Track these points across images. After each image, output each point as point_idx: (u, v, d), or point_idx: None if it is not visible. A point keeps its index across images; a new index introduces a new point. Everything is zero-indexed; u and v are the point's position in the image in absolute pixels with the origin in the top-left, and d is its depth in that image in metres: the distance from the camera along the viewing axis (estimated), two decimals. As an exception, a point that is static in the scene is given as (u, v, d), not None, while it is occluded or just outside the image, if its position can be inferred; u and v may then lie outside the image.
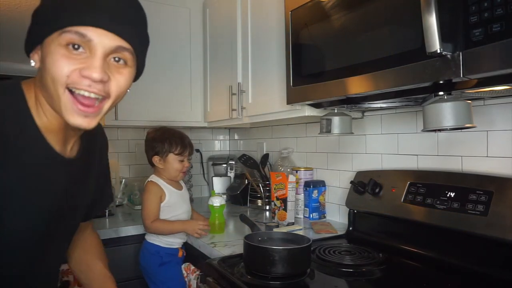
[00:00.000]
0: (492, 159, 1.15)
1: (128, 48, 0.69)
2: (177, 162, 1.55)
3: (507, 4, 0.71)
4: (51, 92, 0.66)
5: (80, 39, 0.64)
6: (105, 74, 0.66)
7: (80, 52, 0.65)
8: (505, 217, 0.99)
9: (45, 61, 0.66)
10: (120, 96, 0.72)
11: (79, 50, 0.65)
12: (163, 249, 1.53)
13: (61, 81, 0.64)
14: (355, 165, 1.65)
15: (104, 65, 0.66)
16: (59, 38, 0.64)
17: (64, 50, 0.64)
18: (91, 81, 0.65)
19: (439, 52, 0.78)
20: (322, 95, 1.18)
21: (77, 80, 0.64)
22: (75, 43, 0.64)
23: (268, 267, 1.02)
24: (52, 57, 0.64)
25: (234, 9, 1.87)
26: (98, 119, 0.70)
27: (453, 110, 0.93)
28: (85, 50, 0.65)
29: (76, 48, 0.64)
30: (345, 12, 1.09)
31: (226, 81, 1.94)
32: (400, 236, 1.30)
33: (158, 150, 1.55)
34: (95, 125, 0.70)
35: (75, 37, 0.64)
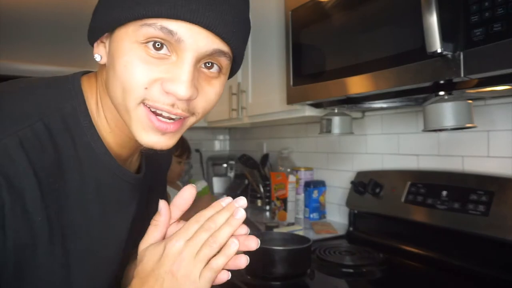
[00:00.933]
0: (493, 159, 1.15)
1: (227, 52, 0.50)
2: (176, 163, 1.56)
3: (508, 4, 0.71)
4: (119, 102, 0.50)
5: (166, 37, 0.46)
6: (195, 90, 0.48)
7: (163, 54, 0.47)
8: (506, 217, 0.99)
9: (114, 61, 0.49)
10: (207, 112, 0.54)
11: (162, 52, 0.47)
12: None
13: (136, 93, 0.47)
14: (355, 165, 1.65)
15: (194, 76, 0.48)
16: (136, 32, 0.46)
17: (142, 51, 0.47)
18: (176, 98, 0.48)
19: (440, 51, 0.78)
20: (322, 95, 1.18)
21: (157, 98, 0.47)
22: (158, 41, 0.47)
23: (268, 267, 1.02)
24: (125, 58, 0.47)
25: (234, 9, 1.87)
26: (177, 138, 0.53)
27: (454, 110, 0.93)
28: (171, 53, 0.47)
29: (158, 48, 0.47)
30: (345, 12, 1.09)
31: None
32: (400, 236, 1.29)
33: None
34: (173, 145, 0.53)
35: (160, 33, 0.46)
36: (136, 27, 0.46)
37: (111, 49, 0.50)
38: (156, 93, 0.47)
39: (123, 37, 0.48)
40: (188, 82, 0.47)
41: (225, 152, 2.75)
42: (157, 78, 0.47)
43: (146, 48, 0.47)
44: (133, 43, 0.47)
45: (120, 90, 0.48)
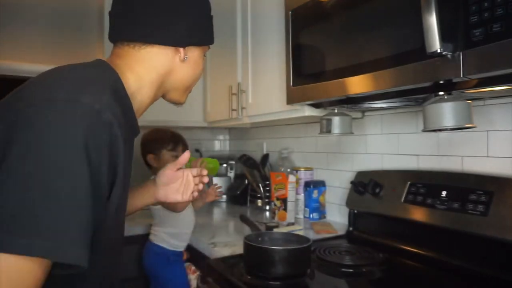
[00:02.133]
0: (493, 159, 1.15)
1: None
2: (172, 158, 1.55)
3: (507, 4, 0.71)
4: (184, 84, 0.86)
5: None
6: None
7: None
8: (505, 217, 0.99)
9: (195, 63, 0.84)
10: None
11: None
12: (168, 251, 1.54)
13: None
14: (355, 165, 1.65)
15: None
16: (205, 51, 0.88)
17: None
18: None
19: (439, 52, 0.78)
20: (322, 95, 1.18)
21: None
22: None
23: (268, 267, 1.02)
24: (200, 64, 0.87)
25: (234, 8, 1.87)
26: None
27: (454, 110, 0.93)
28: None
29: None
30: (345, 12, 1.09)
31: (226, 81, 1.94)
32: (400, 236, 1.29)
33: (151, 148, 1.57)
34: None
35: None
36: (206, 49, 0.89)
37: (194, 56, 0.84)
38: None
39: (199, 51, 0.86)
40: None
41: (225, 152, 2.75)
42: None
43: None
44: (203, 57, 0.89)
45: (191, 79, 0.87)
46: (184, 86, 0.87)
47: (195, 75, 0.87)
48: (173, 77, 0.82)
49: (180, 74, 0.82)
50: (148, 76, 0.77)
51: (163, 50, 0.77)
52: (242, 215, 1.55)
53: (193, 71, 0.85)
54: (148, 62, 0.76)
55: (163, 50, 0.77)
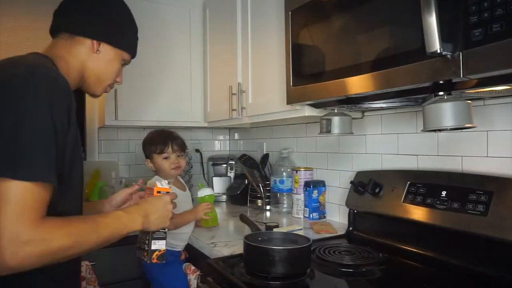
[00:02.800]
0: (492, 159, 1.15)
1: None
2: (163, 161, 1.54)
3: (507, 4, 0.71)
4: (95, 77, 1.00)
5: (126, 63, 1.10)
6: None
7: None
8: (505, 217, 0.99)
9: (104, 59, 1.00)
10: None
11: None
12: (166, 251, 1.52)
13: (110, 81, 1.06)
14: (355, 165, 1.65)
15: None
16: (122, 56, 1.04)
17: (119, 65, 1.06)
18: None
19: (439, 52, 0.78)
20: (322, 95, 1.18)
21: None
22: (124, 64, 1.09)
23: (268, 267, 1.02)
24: (114, 65, 1.03)
25: (234, 9, 1.87)
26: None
27: (453, 110, 0.93)
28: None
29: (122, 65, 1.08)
30: (345, 12, 1.09)
31: (226, 81, 1.94)
32: (400, 236, 1.29)
33: (146, 154, 1.59)
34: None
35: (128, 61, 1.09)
36: (123, 55, 1.05)
37: (108, 54, 1.00)
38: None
39: (117, 55, 1.03)
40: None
41: (225, 152, 2.75)
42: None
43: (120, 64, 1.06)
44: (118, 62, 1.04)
45: (104, 75, 1.02)
46: (97, 78, 1.01)
47: (108, 72, 1.02)
48: (88, 67, 0.98)
49: (94, 65, 0.99)
50: (72, 62, 0.95)
51: (83, 41, 0.96)
52: (242, 215, 1.55)
53: (106, 67, 1.01)
54: (72, 50, 0.96)
55: (83, 41, 0.96)
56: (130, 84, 2.04)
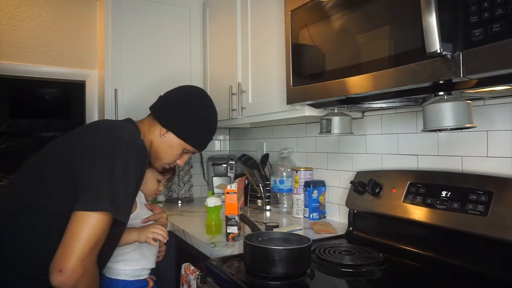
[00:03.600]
0: (492, 159, 1.15)
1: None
2: (154, 181, 1.42)
3: (507, 4, 0.71)
4: (155, 154, 1.29)
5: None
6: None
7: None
8: (505, 217, 0.99)
9: (167, 143, 1.27)
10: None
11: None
12: (131, 284, 1.31)
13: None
14: (355, 165, 1.66)
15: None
16: (185, 146, 1.29)
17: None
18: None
19: (439, 52, 0.78)
20: (322, 95, 1.18)
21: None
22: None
23: (268, 267, 1.02)
24: (174, 151, 1.29)
25: (234, 9, 1.87)
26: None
27: (453, 110, 0.93)
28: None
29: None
30: (345, 12, 1.09)
31: (226, 81, 1.94)
32: (400, 236, 1.29)
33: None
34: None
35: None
36: (186, 146, 1.30)
37: (171, 140, 1.27)
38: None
39: (180, 144, 1.28)
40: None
41: (225, 152, 2.75)
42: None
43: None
44: (180, 149, 1.30)
45: (163, 155, 1.29)
46: (157, 156, 1.27)
47: (167, 155, 1.27)
48: (153, 146, 1.26)
49: (156, 145, 1.26)
50: (148, 136, 1.26)
51: (157, 126, 1.26)
52: (242, 215, 1.55)
53: (166, 150, 1.26)
54: (151, 128, 1.27)
55: (157, 126, 1.26)
56: (130, 83, 2.04)
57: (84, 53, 2.25)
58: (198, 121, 1.28)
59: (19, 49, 2.08)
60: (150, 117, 1.29)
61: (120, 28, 1.99)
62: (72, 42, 2.22)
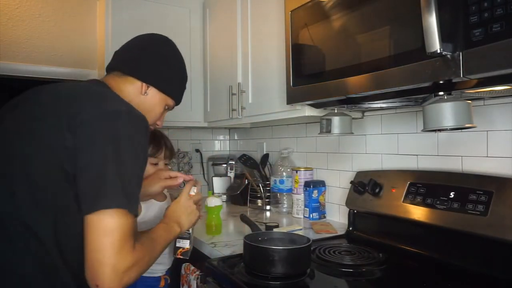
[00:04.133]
0: (492, 159, 1.15)
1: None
2: (149, 166, 1.32)
3: (507, 4, 0.71)
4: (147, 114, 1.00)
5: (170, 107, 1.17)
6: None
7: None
8: (505, 217, 0.99)
9: (150, 100, 1.08)
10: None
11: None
12: (142, 279, 1.21)
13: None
14: (355, 165, 1.65)
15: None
16: (166, 101, 1.12)
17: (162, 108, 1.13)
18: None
19: (439, 52, 0.78)
20: (322, 95, 1.18)
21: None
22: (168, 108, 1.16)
23: (268, 267, 1.02)
24: (157, 107, 1.10)
25: (234, 9, 1.87)
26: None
27: (453, 110, 0.93)
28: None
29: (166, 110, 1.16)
30: (345, 12, 1.09)
31: (226, 81, 1.94)
32: (400, 236, 1.29)
33: None
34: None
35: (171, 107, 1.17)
36: (167, 100, 1.12)
37: (153, 97, 1.08)
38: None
39: (161, 99, 1.10)
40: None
41: (225, 152, 2.75)
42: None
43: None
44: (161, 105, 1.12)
45: (147, 113, 1.02)
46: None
47: (151, 114, 1.08)
48: (134, 105, 1.00)
49: (138, 106, 1.01)
50: (124, 97, 0.99)
51: (133, 82, 1.05)
52: (242, 215, 1.55)
53: (149, 110, 1.07)
54: (122, 87, 1.03)
55: (133, 81, 1.05)
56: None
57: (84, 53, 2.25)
58: (178, 71, 1.15)
59: (19, 49, 2.07)
60: (115, 75, 1.05)
61: (120, 28, 1.99)
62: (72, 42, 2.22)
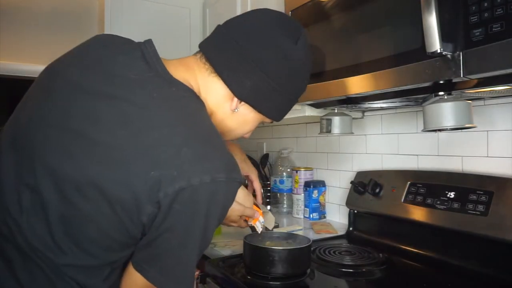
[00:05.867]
0: (493, 159, 1.15)
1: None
2: None
3: (507, 4, 0.71)
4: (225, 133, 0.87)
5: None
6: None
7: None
8: (505, 217, 0.99)
9: (238, 118, 0.84)
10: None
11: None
12: None
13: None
14: (355, 165, 1.65)
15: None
16: (262, 119, 0.88)
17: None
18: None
19: (439, 52, 0.78)
20: (322, 95, 1.18)
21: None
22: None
23: (268, 267, 1.02)
24: (247, 126, 0.88)
25: (234, 9, 1.87)
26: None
27: (453, 110, 0.93)
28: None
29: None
30: (345, 12, 1.09)
31: (226, 81, 1.94)
32: (400, 236, 1.29)
33: None
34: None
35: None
36: (264, 119, 0.87)
37: (245, 114, 0.84)
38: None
39: (256, 117, 0.86)
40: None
41: (225, 152, 2.74)
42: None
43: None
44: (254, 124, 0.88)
45: (228, 131, 0.86)
46: (220, 132, 0.81)
47: (235, 131, 0.86)
48: (217, 117, 0.82)
49: (221, 120, 0.83)
50: (208, 103, 0.81)
51: (224, 88, 0.79)
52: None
53: (236, 125, 0.85)
54: (212, 92, 0.80)
55: (224, 88, 0.79)
56: (130, 84, 2.04)
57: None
58: (295, 87, 0.85)
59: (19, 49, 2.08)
60: (203, 68, 0.81)
61: (119, 28, 1.99)
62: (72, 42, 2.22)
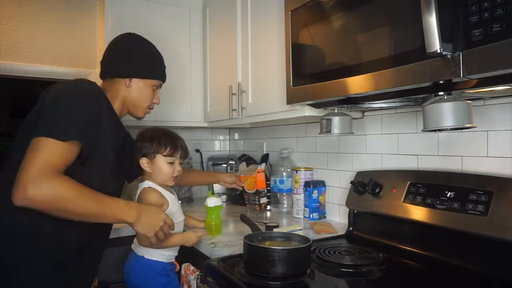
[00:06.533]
0: (492, 159, 1.15)
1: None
2: (166, 165, 1.39)
3: (507, 4, 0.71)
4: (133, 105, 1.34)
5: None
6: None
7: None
8: (505, 217, 0.99)
9: (137, 90, 1.33)
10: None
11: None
12: (167, 265, 1.42)
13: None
14: (355, 165, 1.65)
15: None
16: (151, 83, 1.36)
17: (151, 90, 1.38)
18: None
19: (439, 52, 0.78)
20: (322, 95, 1.18)
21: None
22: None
23: (268, 267, 1.02)
24: (146, 92, 1.35)
25: (234, 9, 1.87)
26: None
27: (453, 110, 0.93)
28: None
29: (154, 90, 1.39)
30: (345, 12, 1.09)
31: (226, 81, 1.94)
32: (400, 236, 1.29)
33: (146, 151, 1.39)
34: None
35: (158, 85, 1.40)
36: (153, 82, 1.37)
37: (138, 85, 1.33)
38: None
39: (146, 84, 1.35)
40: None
41: (225, 152, 2.75)
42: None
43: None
44: (150, 88, 1.37)
45: (139, 101, 1.35)
46: (134, 105, 1.34)
47: (142, 100, 1.34)
48: (126, 98, 1.32)
49: (129, 96, 1.32)
50: (115, 97, 1.29)
51: (119, 81, 1.30)
52: (242, 215, 1.55)
53: (139, 95, 1.33)
54: (114, 88, 1.30)
55: (119, 81, 1.30)
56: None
57: (84, 53, 2.25)
58: (148, 54, 1.35)
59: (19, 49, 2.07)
60: (107, 82, 1.32)
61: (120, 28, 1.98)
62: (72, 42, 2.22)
